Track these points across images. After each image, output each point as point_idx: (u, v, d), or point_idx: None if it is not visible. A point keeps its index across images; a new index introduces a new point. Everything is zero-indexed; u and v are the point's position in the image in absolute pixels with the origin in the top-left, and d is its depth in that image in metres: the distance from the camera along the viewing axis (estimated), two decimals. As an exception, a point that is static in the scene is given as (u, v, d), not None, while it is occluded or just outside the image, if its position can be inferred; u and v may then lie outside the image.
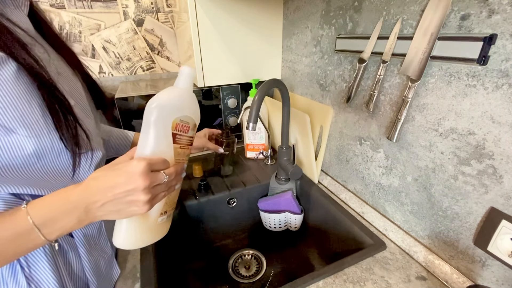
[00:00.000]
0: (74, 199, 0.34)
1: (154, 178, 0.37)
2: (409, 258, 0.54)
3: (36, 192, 0.36)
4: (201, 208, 0.75)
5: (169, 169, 0.40)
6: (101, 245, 0.48)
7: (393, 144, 0.56)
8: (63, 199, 0.34)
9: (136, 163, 0.35)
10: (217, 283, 0.70)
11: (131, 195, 0.35)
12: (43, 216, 0.33)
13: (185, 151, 0.46)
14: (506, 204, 0.39)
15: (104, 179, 0.35)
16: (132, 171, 0.35)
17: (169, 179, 0.39)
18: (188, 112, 0.45)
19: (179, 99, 0.44)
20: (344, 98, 0.68)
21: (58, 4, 0.99)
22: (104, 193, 0.34)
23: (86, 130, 0.40)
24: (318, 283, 0.50)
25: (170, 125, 0.42)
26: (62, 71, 0.42)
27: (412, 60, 0.47)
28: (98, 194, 0.34)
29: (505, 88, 0.37)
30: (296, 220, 0.76)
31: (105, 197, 0.34)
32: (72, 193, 0.34)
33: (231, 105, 0.97)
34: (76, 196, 0.34)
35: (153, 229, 0.43)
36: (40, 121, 0.33)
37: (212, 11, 0.79)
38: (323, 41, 0.72)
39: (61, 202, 0.34)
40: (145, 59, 1.18)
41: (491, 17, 0.37)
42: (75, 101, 0.42)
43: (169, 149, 0.42)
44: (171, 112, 0.42)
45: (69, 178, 0.40)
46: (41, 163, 0.36)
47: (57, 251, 0.40)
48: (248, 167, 0.90)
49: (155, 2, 1.10)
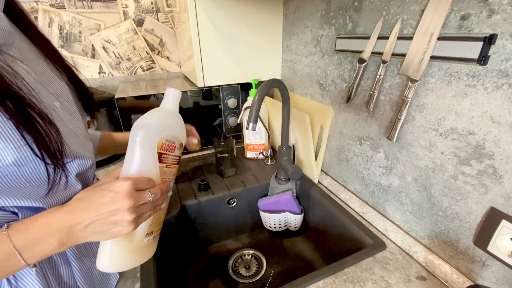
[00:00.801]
0: (56, 221, 0.33)
1: (139, 197, 0.36)
2: (409, 258, 0.54)
3: (22, 203, 0.35)
4: (201, 208, 0.75)
5: (154, 188, 0.40)
6: (93, 251, 0.46)
7: (393, 143, 0.56)
8: (45, 221, 0.33)
9: (121, 182, 0.35)
10: (217, 283, 0.70)
11: (115, 215, 0.34)
12: (24, 239, 0.31)
13: (171, 170, 0.46)
14: (506, 204, 0.39)
15: (88, 200, 0.34)
16: (116, 190, 0.34)
17: (154, 198, 0.39)
18: (174, 132, 0.46)
19: (165, 120, 0.45)
20: (344, 98, 0.68)
21: (58, 4, 0.99)
22: (87, 214, 0.33)
23: (66, 141, 0.37)
24: (318, 283, 0.50)
25: (155, 145, 0.43)
26: (43, 71, 0.40)
27: (412, 60, 0.47)
28: (82, 215, 0.33)
29: (505, 88, 0.37)
30: (296, 220, 0.76)
31: (88, 218, 0.33)
32: (55, 215, 0.33)
33: (231, 105, 0.97)
34: (58, 218, 0.33)
35: (139, 251, 0.42)
36: (15, 133, 0.31)
37: (212, 11, 0.79)
38: (323, 41, 0.72)
39: (42, 225, 0.32)
40: (145, 59, 1.18)
41: (491, 17, 0.37)
42: (60, 103, 0.40)
43: (155, 168, 0.43)
44: (156, 132, 0.43)
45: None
46: (22, 171, 0.33)
47: (46, 260, 0.38)
48: (248, 167, 0.90)
49: (155, 2, 1.10)
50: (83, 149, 0.42)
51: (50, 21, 1.01)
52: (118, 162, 1.01)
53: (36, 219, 0.33)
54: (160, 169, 0.43)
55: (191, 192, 0.75)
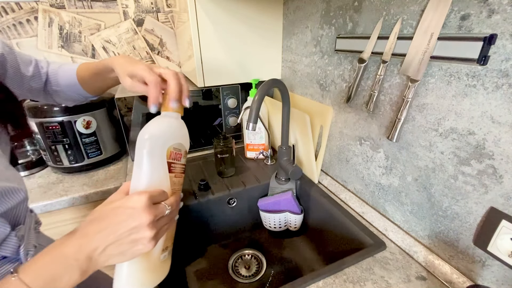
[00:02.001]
0: (71, 251, 0.30)
1: (157, 210, 0.34)
2: (409, 258, 0.54)
3: None
4: (201, 208, 0.75)
5: (169, 199, 0.38)
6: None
7: (393, 143, 0.56)
8: (58, 254, 0.30)
9: (137, 197, 0.33)
10: (217, 283, 0.70)
11: (136, 233, 0.32)
12: (41, 279, 0.29)
13: (179, 179, 0.44)
14: (506, 204, 0.39)
15: (103, 220, 0.32)
16: (134, 206, 0.32)
17: (171, 209, 0.37)
18: (180, 139, 0.44)
19: (170, 127, 0.43)
20: (344, 98, 0.68)
21: (58, 4, 0.99)
22: (105, 236, 0.31)
23: None
24: (318, 283, 0.50)
25: (165, 155, 0.40)
26: None
27: (412, 60, 0.47)
28: (99, 238, 0.31)
29: (505, 88, 0.37)
30: (296, 220, 0.76)
31: (106, 241, 0.31)
32: (67, 244, 0.31)
33: (231, 105, 0.97)
34: (72, 247, 0.30)
35: (157, 268, 0.40)
36: None
37: (212, 11, 0.79)
38: (323, 41, 0.72)
39: (56, 259, 0.30)
40: (145, 59, 1.18)
41: (491, 17, 0.37)
42: None
43: (166, 179, 0.40)
44: (164, 141, 0.41)
45: None
46: None
47: None
48: (248, 167, 0.90)
49: (155, 2, 1.10)
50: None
51: (50, 21, 1.01)
52: (118, 162, 1.01)
53: (47, 253, 0.30)
54: (170, 179, 0.41)
55: (191, 192, 0.75)
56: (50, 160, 0.89)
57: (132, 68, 0.44)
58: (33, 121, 0.83)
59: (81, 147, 0.89)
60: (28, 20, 0.98)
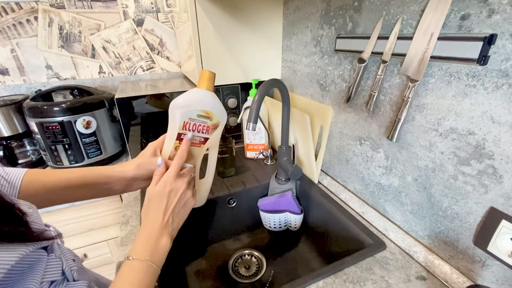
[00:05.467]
0: (153, 227, 0.42)
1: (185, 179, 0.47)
2: (409, 258, 0.54)
3: None
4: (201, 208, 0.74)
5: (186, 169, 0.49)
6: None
7: (393, 144, 0.56)
8: (147, 236, 0.41)
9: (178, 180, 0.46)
10: (217, 283, 0.70)
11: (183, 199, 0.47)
12: (147, 253, 0.39)
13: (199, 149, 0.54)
14: (506, 204, 0.39)
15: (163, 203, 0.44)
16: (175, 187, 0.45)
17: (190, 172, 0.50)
18: (204, 107, 0.49)
19: (195, 97, 0.49)
20: (344, 98, 0.68)
21: (58, 4, 0.99)
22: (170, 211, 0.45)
23: None
24: (318, 283, 0.50)
25: (177, 126, 0.48)
26: None
27: (412, 60, 0.47)
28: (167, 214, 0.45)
29: (505, 88, 0.37)
30: (296, 220, 0.76)
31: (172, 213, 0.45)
32: (146, 225, 0.42)
33: (231, 105, 0.97)
34: (152, 225, 0.42)
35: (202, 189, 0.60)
36: None
37: (212, 11, 0.79)
38: (323, 41, 0.72)
39: (147, 238, 0.41)
40: (145, 59, 1.18)
41: (491, 17, 0.37)
42: None
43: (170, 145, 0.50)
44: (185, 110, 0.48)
45: None
46: None
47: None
48: (248, 167, 0.90)
49: (155, 2, 1.10)
50: None
51: (50, 21, 1.01)
52: (118, 162, 1.01)
53: (141, 237, 0.41)
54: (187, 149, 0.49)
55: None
56: (50, 160, 0.89)
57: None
58: (33, 121, 0.83)
59: (81, 147, 0.89)
60: (28, 20, 0.98)
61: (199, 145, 0.52)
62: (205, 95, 0.49)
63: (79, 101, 0.87)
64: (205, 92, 0.49)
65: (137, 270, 0.38)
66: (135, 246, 0.40)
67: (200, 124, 0.50)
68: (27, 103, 0.85)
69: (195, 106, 0.48)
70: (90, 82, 1.13)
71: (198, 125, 0.49)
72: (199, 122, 0.49)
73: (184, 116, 0.48)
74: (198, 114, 0.49)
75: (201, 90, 0.49)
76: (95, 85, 1.14)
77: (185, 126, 0.48)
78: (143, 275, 0.38)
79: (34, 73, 1.05)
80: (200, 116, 0.49)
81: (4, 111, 0.87)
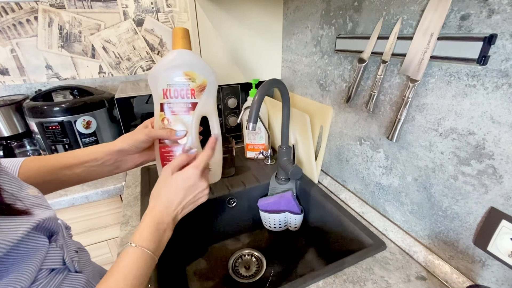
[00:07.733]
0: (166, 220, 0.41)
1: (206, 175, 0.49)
2: (409, 258, 0.54)
3: None
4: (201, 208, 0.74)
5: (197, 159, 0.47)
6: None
7: (393, 144, 0.56)
8: (158, 224, 0.40)
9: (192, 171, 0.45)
10: (217, 283, 0.70)
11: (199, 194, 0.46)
12: (152, 242, 0.38)
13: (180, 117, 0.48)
14: (506, 204, 0.39)
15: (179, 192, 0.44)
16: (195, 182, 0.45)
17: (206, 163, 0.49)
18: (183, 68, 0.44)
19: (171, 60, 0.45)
20: (344, 98, 0.68)
21: (58, 4, 0.99)
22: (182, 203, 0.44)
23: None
24: (318, 283, 0.50)
25: (159, 94, 0.45)
26: None
27: (412, 60, 0.47)
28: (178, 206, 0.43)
29: (505, 88, 0.37)
30: (296, 220, 0.76)
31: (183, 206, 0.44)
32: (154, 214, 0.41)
33: (231, 105, 0.97)
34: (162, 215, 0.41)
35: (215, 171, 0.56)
36: None
37: (212, 11, 0.79)
38: (323, 41, 0.72)
39: (156, 227, 0.39)
40: (145, 59, 1.18)
41: (491, 17, 0.37)
42: None
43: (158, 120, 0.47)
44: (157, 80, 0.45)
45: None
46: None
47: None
48: (248, 167, 0.90)
49: (155, 2, 1.10)
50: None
51: (50, 21, 1.01)
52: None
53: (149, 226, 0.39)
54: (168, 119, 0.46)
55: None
56: (50, 160, 0.89)
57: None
58: (33, 121, 0.83)
59: (81, 147, 0.89)
60: (28, 20, 0.98)
61: (188, 111, 0.46)
62: (180, 55, 0.44)
63: (79, 101, 0.87)
64: (180, 52, 0.44)
65: (141, 260, 0.36)
66: (141, 231, 0.38)
67: (182, 89, 0.44)
68: (27, 103, 0.85)
69: (171, 70, 0.43)
70: (90, 82, 1.13)
71: (180, 90, 0.44)
72: (180, 86, 0.44)
73: (162, 83, 0.43)
74: (176, 78, 0.43)
75: (174, 51, 0.44)
76: (95, 85, 1.14)
77: (165, 94, 0.44)
78: (147, 267, 0.36)
79: (34, 73, 1.05)
80: (180, 80, 0.44)
81: (4, 111, 0.87)
